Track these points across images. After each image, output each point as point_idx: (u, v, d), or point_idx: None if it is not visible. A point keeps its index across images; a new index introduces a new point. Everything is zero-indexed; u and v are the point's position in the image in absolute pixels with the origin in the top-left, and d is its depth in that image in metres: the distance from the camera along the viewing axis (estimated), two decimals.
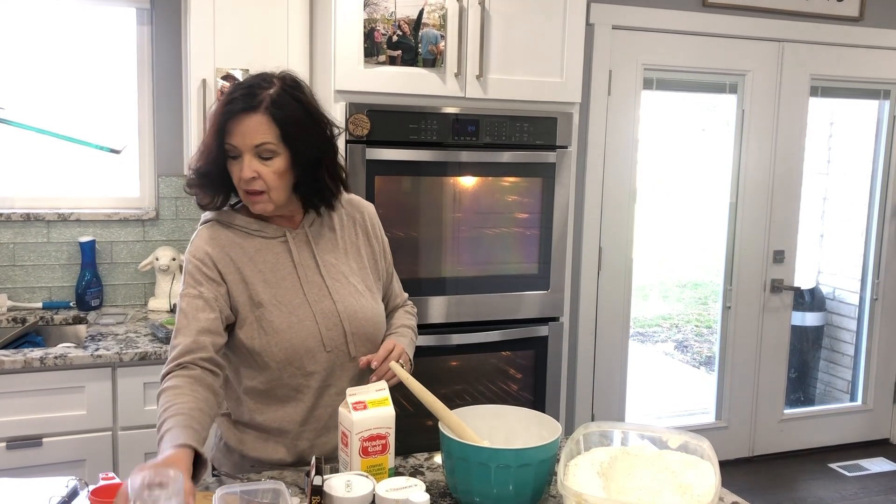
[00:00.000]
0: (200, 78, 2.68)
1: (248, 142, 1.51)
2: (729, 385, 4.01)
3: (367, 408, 1.45)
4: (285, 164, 1.54)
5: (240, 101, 1.51)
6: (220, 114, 1.52)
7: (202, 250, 1.59)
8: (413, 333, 1.82)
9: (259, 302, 1.58)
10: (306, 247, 1.65)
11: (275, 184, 1.54)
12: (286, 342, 1.58)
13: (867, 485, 3.88)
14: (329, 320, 1.62)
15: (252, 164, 1.52)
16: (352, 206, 1.75)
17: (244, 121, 1.50)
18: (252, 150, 1.51)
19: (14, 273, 2.91)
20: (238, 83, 1.58)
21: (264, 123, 1.50)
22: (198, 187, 1.60)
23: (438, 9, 2.59)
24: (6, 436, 2.33)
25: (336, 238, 1.69)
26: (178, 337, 1.53)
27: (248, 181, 1.52)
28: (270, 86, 1.54)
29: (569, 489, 1.30)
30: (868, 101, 4.18)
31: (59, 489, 1.44)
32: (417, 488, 1.33)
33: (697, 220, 5.04)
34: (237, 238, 1.61)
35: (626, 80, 3.58)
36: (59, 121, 2.96)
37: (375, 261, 1.75)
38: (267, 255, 1.61)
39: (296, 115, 1.53)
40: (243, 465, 1.68)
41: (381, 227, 1.79)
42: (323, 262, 1.65)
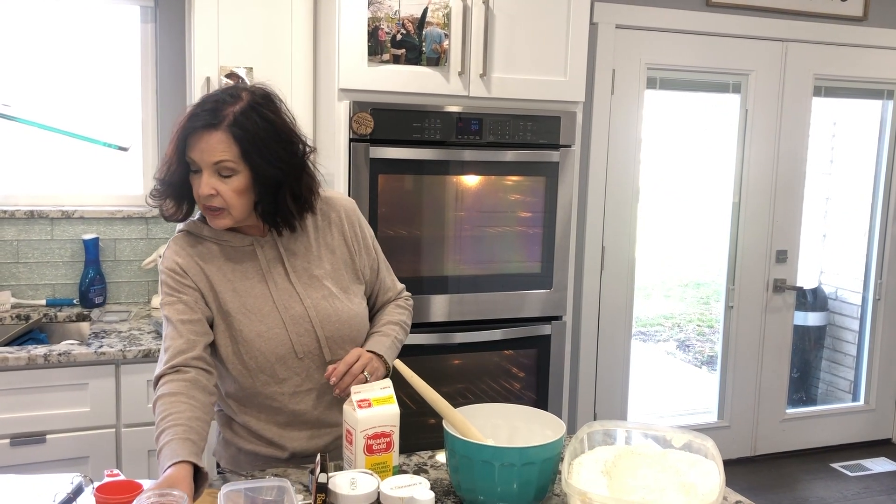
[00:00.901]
0: (204, 76, 2.69)
1: (206, 158, 1.49)
2: (731, 384, 4.01)
3: (371, 406, 1.45)
4: (245, 182, 1.51)
5: (202, 117, 1.48)
6: (182, 128, 1.50)
7: (173, 261, 1.59)
8: (400, 329, 1.77)
9: (227, 311, 1.59)
10: (275, 253, 1.63)
11: (233, 202, 1.52)
12: (255, 351, 1.58)
13: (869, 485, 3.88)
14: (300, 326, 1.61)
15: (210, 181, 1.50)
16: (328, 206, 1.70)
17: (204, 137, 1.48)
18: (211, 167, 1.49)
19: (18, 270, 2.91)
20: (206, 96, 1.55)
21: (224, 141, 1.48)
22: (162, 197, 1.59)
23: (442, 7, 2.59)
24: (10, 432, 2.34)
25: (308, 240, 1.66)
26: (168, 340, 1.55)
27: (207, 197, 1.51)
28: (237, 101, 1.50)
29: (573, 487, 1.30)
30: (871, 101, 4.18)
31: (65, 486, 1.44)
32: (422, 486, 1.33)
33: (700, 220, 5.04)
34: (206, 248, 1.61)
35: (630, 80, 3.58)
36: (64, 118, 2.96)
37: (353, 260, 1.71)
38: (235, 264, 1.61)
39: (259, 133, 1.49)
40: (240, 459, 1.69)
41: (362, 222, 1.75)
42: (293, 267, 1.63)
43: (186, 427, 1.40)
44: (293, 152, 1.56)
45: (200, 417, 1.45)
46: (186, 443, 1.37)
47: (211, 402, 1.53)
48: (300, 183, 1.58)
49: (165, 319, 1.57)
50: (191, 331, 1.55)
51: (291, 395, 1.63)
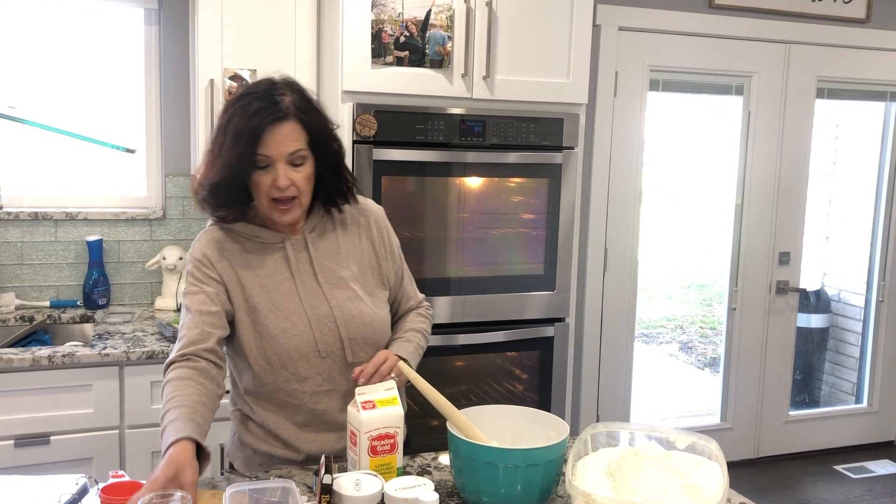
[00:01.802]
0: (208, 78, 2.69)
1: (282, 150, 1.52)
2: (734, 386, 4.01)
3: (375, 407, 1.45)
4: (312, 168, 1.57)
5: (267, 112, 1.50)
6: (249, 124, 1.49)
7: (201, 252, 1.62)
8: (422, 337, 1.79)
9: (254, 306, 1.60)
10: (304, 253, 1.65)
11: (305, 189, 1.57)
12: (279, 347, 1.60)
13: (872, 487, 3.88)
14: (325, 325, 1.62)
15: (286, 172, 1.53)
16: (358, 210, 1.74)
17: (276, 129, 1.51)
18: (286, 158, 1.52)
19: (22, 272, 2.92)
20: (247, 94, 1.55)
21: (296, 130, 1.53)
22: (215, 201, 1.59)
23: (446, 10, 2.60)
24: (14, 434, 2.34)
25: (337, 243, 1.69)
26: (183, 329, 1.57)
27: (284, 189, 1.53)
28: (285, 91, 1.54)
29: (577, 489, 1.30)
30: (874, 102, 4.17)
31: (69, 487, 1.44)
32: (426, 487, 1.33)
33: (703, 222, 5.03)
34: (236, 243, 1.63)
35: (633, 82, 3.58)
36: (69, 120, 2.97)
37: (379, 265, 1.73)
38: (265, 260, 1.63)
39: (316, 117, 1.57)
40: (254, 460, 1.69)
41: (389, 229, 1.78)
42: (321, 267, 1.65)
43: (192, 409, 1.42)
44: (335, 131, 1.62)
45: (206, 403, 1.46)
46: (191, 423, 1.38)
47: (218, 393, 1.53)
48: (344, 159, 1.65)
49: (185, 308, 1.59)
50: (207, 322, 1.56)
51: (312, 395, 1.63)
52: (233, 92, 2.72)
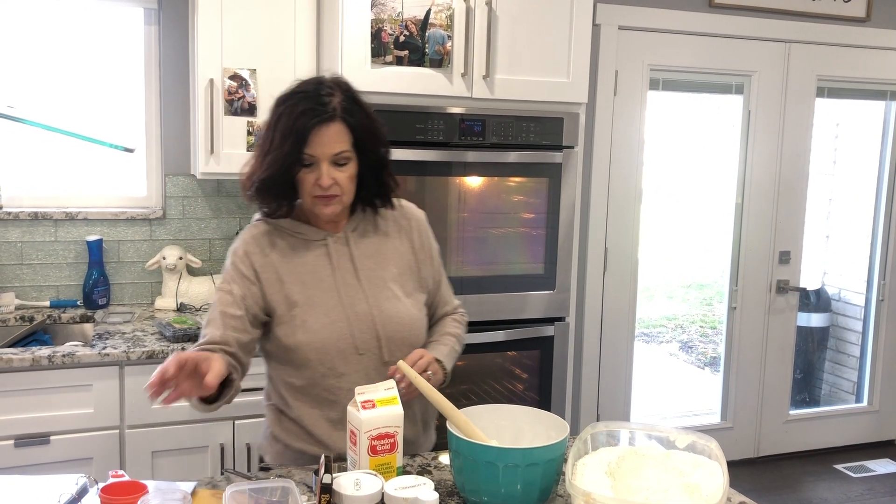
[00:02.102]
0: (208, 78, 2.69)
1: (327, 151, 1.55)
2: (734, 386, 4.01)
3: (375, 406, 1.45)
4: (356, 169, 1.61)
5: (315, 113, 1.54)
6: (297, 124, 1.53)
7: (242, 249, 1.66)
8: (456, 341, 1.81)
9: (294, 301, 1.63)
10: (345, 251, 1.68)
11: (347, 188, 1.60)
12: (318, 342, 1.62)
13: (873, 486, 3.88)
14: (363, 323, 1.64)
15: (329, 171, 1.56)
16: (400, 213, 1.77)
17: (323, 131, 1.54)
18: (330, 158, 1.56)
19: (22, 272, 2.92)
20: (295, 92, 1.59)
21: (341, 132, 1.56)
22: (262, 198, 1.64)
23: (445, 9, 2.60)
24: (14, 434, 2.34)
25: (378, 243, 1.72)
26: (209, 327, 1.61)
27: (327, 188, 1.57)
28: (333, 93, 1.57)
29: (577, 488, 1.30)
30: (874, 101, 4.17)
31: (69, 487, 1.44)
32: (426, 487, 1.33)
33: (703, 221, 5.03)
34: (280, 239, 1.67)
35: (633, 81, 3.58)
36: (68, 120, 2.97)
37: (419, 268, 1.76)
38: (306, 256, 1.66)
39: (363, 120, 1.60)
40: (286, 456, 1.70)
41: (430, 234, 1.81)
42: (361, 266, 1.68)
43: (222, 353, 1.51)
44: (384, 135, 1.66)
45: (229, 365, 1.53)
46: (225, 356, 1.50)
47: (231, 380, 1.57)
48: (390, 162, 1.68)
49: (214, 301, 1.64)
50: (230, 326, 1.60)
51: (349, 391, 1.61)
52: (232, 91, 2.72)
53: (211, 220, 3.11)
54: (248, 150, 2.77)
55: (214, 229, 3.13)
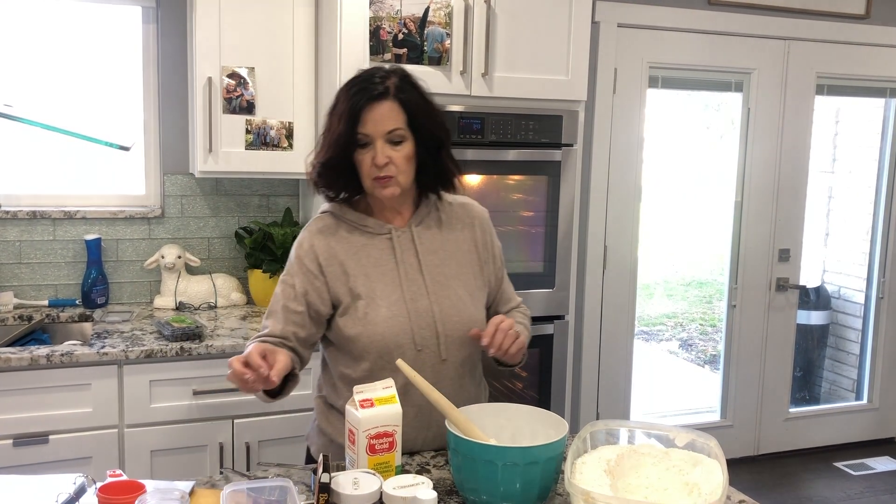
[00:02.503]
0: (206, 76, 2.69)
1: (380, 128, 1.57)
2: (734, 383, 4.01)
3: (374, 405, 1.44)
4: (412, 148, 1.61)
5: (368, 91, 1.57)
6: (351, 103, 1.57)
7: (308, 242, 1.68)
8: (524, 328, 1.82)
9: (358, 294, 1.64)
10: (410, 246, 1.69)
11: (404, 167, 1.61)
12: (378, 335, 1.63)
13: (873, 484, 3.87)
14: (423, 319, 1.65)
15: (384, 150, 1.58)
16: (464, 210, 1.79)
17: (375, 108, 1.57)
18: (384, 136, 1.58)
19: (20, 271, 2.92)
20: (357, 77, 1.63)
21: (394, 109, 1.58)
22: (324, 180, 1.67)
23: (444, 7, 2.59)
24: (13, 433, 2.34)
25: (442, 239, 1.73)
26: (270, 319, 1.66)
27: (382, 167, 1.58)
28: (390, 75, 1.61)
29: (576, 487, 1.30)
30: (874, 99, 4.17)
31: (67, 486, 1.44)
32: (425, 486, 1.33)
33: (702, 219, 5.03)
34: (345, 231, 1.68)
35: (632, 79, 3.57)
36: (66, 118, 2.96)
37: (481, 267, 1.77)
38: (371, 250, 1.67)
39: (418, 100, 1.62)
40: (331, 449, 1.71)
41: (493, 233, 1.82)
42: (425, 262, 1.69)
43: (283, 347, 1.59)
44: (443, 118, 1.67)
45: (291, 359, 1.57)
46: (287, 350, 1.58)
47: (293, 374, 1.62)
48: (450, 148, 1.69)
49: (277, 293, 1.68)
50: (291, 321, 1.64)
51: (403, 386, 1.61)
52: (231, 89, 2.72)
53: (209, 218, 3.11)
54: (247, 148, 2.77)
55: (213, 228, 3.12)
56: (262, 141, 2.78)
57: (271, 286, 3.01)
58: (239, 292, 3.07)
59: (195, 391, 2.49)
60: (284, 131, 2.81)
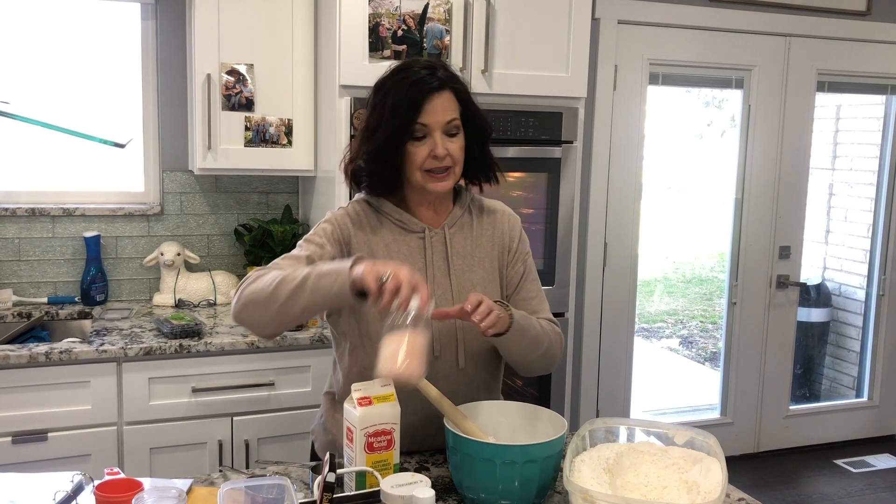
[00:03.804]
0: (205, 73, 2.68)
1: (440, 118, 1.55)
2: (734, 381, 4.00)
3: (372, 403, 1.44)
4: (464, 139, 1.61)
5: (425, 82, 1.54)
6: (409, 95, 1.54)
7: (343, 214, 1.64)
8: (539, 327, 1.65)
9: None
10: (441, 248, 1.66)
11: (459, 158, 1.60)
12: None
13: (873, 481, 3.87)
14: (445, 324, 1.61)
15: (442, 141, 1.56)
16: (494, 216, 1.76)
17: (435, 98, 1.55)
18: (442, 127, 1.56)
19: (19, 268, 2.91)
20: (403, 68, 1.59)
21: (451, 100, 1.57)
22: (365, 173, 1.62)
23: (443, 3, 2.58)
24: (11, 430, 2.34)
25: (472, 244, 1.70)
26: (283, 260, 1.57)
27: (441, 158, 1.56)
28: (437, 67, 1.58)
29: (574, 485, 1.30)
30: (875, 95, 4.16)
31: (65, 484, 1.44)
32: (423, 484, 1.32)
33: (703, 216, 5.02)
34: (380, 223, 1.65)
35: (632, 75, 3.57)
36: (64, 116, 2.96)
37: (501, 272, 1.73)
38: (402, 246, 1.64)
39: (468, 92, 1.62)
40: (333, 448, 1.68)
41: (522, 239, 1.78)
42: (454, 265, 1.66)
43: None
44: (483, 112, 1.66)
45: None
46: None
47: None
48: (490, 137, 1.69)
49: (298, 248, 1.61)
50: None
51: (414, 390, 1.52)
52: (230, 86, 2.71)
53: (209, 215, 3.11)
54: (246, 145, 2.76)
55: (212, 225, 3.12)
56: (262, 138, 2.78)
57: None
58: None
59: (194, 388, 2.49)
60: (284, 128, 2.80)
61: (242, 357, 2.54)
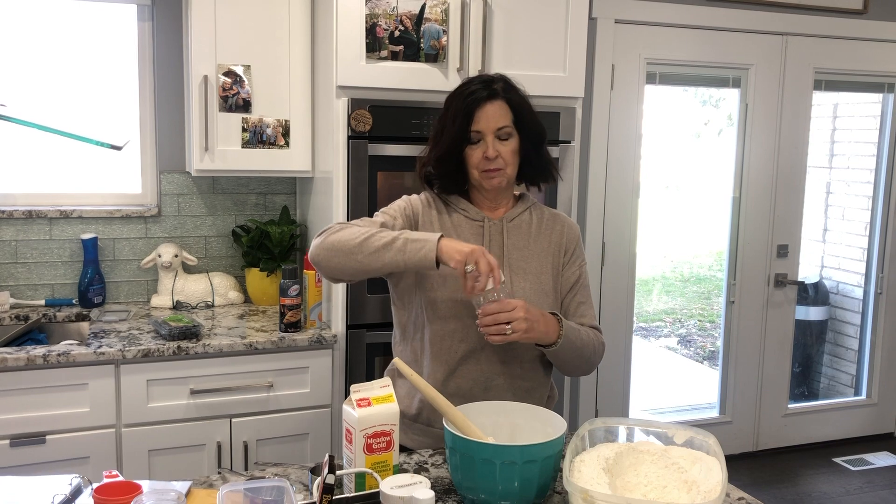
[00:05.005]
0: (202, 74, 2.68)
1: (491, 125, 1.74)
2: (733, 380, 4.00)
3: (371, 404, 1.44)
4: (517, 144, 1.77)
5: (480, 92, 1.74)
6: (466, 104, 1.74)
7: (416, 201, 1.84)
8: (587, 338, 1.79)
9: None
10: (499, 237, 1.81)
11: (510, 160, 1.77)
12: (452, 302, 1.74)
13: (872, 479, 3.88)
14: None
15: (495, 144, 1.74)
16: (555, 220, 1.90)
17: (487, 107, 1.74)
18: (493, 133, 1.74)
19: (17, 270, 2.91)
20: (467, 82, 1.79)
21: (503, 108, 1.75)
22: (435, 174, 1.82)
23: (440, 3, 2.58)
24: (10, 433, 2.33)
25: (529, 239, 1.84)
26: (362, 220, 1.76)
27: (492, 160, 1.74)
28: (494, 80, 1.78)
29: (574, 485, 1.29)
30: (872, 94, 4.16)
31: (63, 487, 1.43)
32: (422, 485, 1.32)
33: (701, 215, 5.03)
34: (447, 210, 1.84)
35: (629, 75, 3.57)
36: (61, 118, 2.95)
37: (558, 273, 1.85)
38: (462, 231, 1.81)
39: (522, 101, 1.79)
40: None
41: (580, 245, 1.90)
42: (509, 253, 1.81)
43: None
44: (540, 119, 1.83)
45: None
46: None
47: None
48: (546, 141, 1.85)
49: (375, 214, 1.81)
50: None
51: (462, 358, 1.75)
52: (227, 88, 2.71)
53: (206, 217, 3.10)
54: (244, 146, 2.76)
55: (210, 226, 3.11)
56: (259, 139, 2.78)
57: (268, 285, 3.01)
58: (236, 291, 3.06)
59: (192, 390, 2.48)
60: (281, 129, 2.80)
61: (241, 358, 2.53)
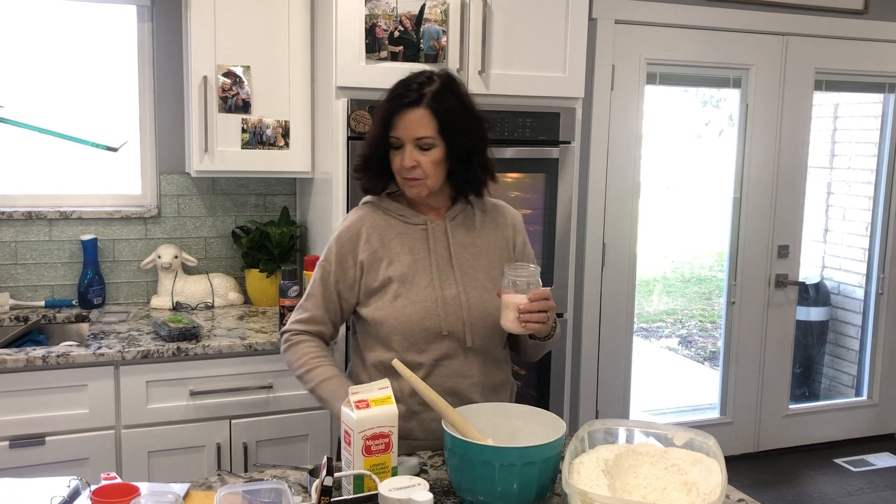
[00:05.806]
0: (201, 75, 2.67)
1: (409, 134, 1.68)
2: (733, 380, 4.00)
3: (369, 406, 1.44)
4: (441, 154, 1.70)
5: (404, 97, 1.68)
6: (386, 108, 1.70)
7: (347, 229, 1.79)
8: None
9: (391, 277, 1.74)
10: (443, 238, 1.79)
11: (431, 171, 1.70)
12: (406, 318, 1.72)
13: (873, 480, 3.87)
14: (450, 307, 1.73)
15: (412, 154, 1.68)
16: (498, 211, 1.88)
17: (407, 115, 1.67)
18: (413, 142, 1.68)
19: (16, 271, 2.91)
20: (403, 80, 1.72)
21: (425, 117, 1.67)
22: (363, 172, 1.79)
23: (440, 4, 2.58)
24: (9, 435, 2.33)
25: (474, 236, 1.82)
26: (309, 301, 1.81)
27: (409, 169, 1.69)
28: (431, 83, 1.69)
29: (574, 487, 1.29)
30: (873, 94, 4.16)
31: (61, 489, 1.43)
32: (421, 487, 1.32)
33: (701, 215, 5.02)
34: (383, 219, 1.80)
35: (629, 75, 3.56)
36: (60, 119, 2.95)
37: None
38: (406, 238, 1.78)
39: (453, 110, 1.69)
40: None
41: (525, 236, 1.90)
42: (456, 253, 1.78)
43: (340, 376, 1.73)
44: (480, 127, 1.76)
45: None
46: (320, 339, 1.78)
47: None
48: (485, 155, 1.78)
49: (314, 278, 1.81)
50: (328, 308, 1.79)
51: (429, 367, 1.74)
52: (226, 88, 2.71)
53: (206, 218, 3.10)
54: (243, 147, 2.76)
55: (210, 227, 3.11)
56: (259, 140, 2.77)
57: (268, 285, 3.00)
58: (236, 292, 3.06)
59: (192, 392, 2.48)
60: (281, 130, 2.80)
61: (240, 360, 2.53)
